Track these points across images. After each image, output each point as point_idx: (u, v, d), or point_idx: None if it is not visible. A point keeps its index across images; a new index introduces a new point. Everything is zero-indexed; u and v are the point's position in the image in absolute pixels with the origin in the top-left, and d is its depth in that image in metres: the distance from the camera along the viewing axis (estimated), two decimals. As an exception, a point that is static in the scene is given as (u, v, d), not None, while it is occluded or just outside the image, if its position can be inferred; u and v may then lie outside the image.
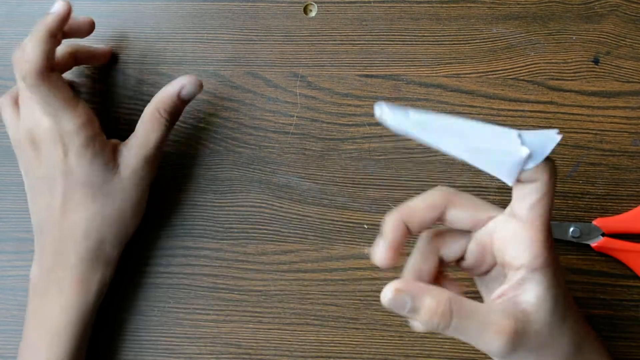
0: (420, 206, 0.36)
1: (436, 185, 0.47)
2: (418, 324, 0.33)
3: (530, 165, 0.33)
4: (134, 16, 0.50)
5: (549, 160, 0.33)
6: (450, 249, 0.36)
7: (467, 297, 0.33)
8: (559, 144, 0.32)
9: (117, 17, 0.50)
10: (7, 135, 0.50)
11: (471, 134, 0.34)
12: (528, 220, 0.33)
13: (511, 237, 0.34)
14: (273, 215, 0.48)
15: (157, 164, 0.45)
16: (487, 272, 0.37)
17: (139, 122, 0.44)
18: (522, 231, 0.33)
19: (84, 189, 0.42)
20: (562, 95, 0.48)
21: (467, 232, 0.36)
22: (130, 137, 0.44)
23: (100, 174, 0.42)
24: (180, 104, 0.44)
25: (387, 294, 0.33)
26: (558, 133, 0.32)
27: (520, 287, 0.33)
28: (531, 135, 0.33)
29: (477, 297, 0.38)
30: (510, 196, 0.46)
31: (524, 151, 0.32)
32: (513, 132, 0.33)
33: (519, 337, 0.32)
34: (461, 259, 0.37)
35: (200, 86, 0.44)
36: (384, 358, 0.46)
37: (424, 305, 0.32)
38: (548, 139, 0.32)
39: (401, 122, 0.34)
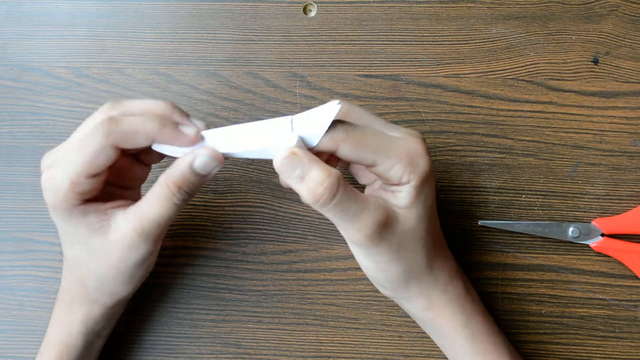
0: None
1: (436, 186, 0.47)
2: (303, 194, 0.35)
3: (314, 143, 0.35)
4: (134, 16, 0.50)
5: (340, 122, 0.35)
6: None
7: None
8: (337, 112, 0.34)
9: (117, 17, 0.50)
10: (7, 135, 0.51)
11: (253, 134, 0.36)
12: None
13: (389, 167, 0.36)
14: (272, 215, 0.48)
15: (158, 241, 0.39)
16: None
17: (149, 191, 0.37)
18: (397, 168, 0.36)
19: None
20: (561, 95, 0.48)
21: None
22: (135, 204, 0.38)
23: (84, 234, 0.38)
24: (194, 179, 0.37)
25: (282, 153, 0.34)
26: (338, 103, 0.35)
27: (394, 194, 0.36)
28: (304, 117, 0.35)
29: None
30: (510, 197, 0.46)
31: (293, 139, 0.34)
32: (285, 120, 0.35)
33: (388, 230, 0.36)
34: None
35: (220, 160, 0.37)
36: (383, 358, 0.46)
37: (313, 174, 0.34)
38: (325, 114, 0.34)
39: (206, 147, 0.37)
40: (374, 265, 0.38)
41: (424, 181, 0.36)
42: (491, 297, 0.46)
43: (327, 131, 0.34)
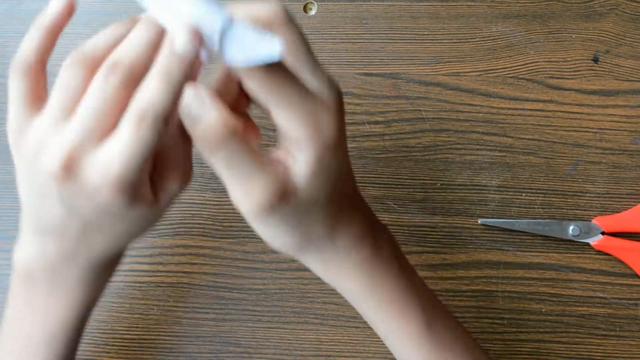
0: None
1: (436, 184, 0.47)
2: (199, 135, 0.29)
3: (229, 59, 0.28)
4: (135, 14, 0.50)
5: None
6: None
7: None
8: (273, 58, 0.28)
9: (118, 16, 0.50)
10: (6, 135, 0.50)
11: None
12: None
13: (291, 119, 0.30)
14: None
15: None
16: None
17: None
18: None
19: None
20: (561, 94, 0.48)
21: None
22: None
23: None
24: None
25: (188, 91, 0.28)
26: (280, 51, 0.27)
27: (294, 159, 0.30)
28: (243, 32, 0.28)
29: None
30: (510, 195, 0.46)
31: (215, 39, 0.28)
32: (219, 16, 0.28)
33: (282, 204, 0.30)
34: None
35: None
36: (383, 357, 0.46)
37: (210, 114, 0.28)
38: (262, 49, 0.28)
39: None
40: (265, 234, 0.33)
41: (328, 150, 0.30)
42: (491, 296, 0.46)
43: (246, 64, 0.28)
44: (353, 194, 0.36)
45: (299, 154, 0.30)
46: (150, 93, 0.28)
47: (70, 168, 0.29)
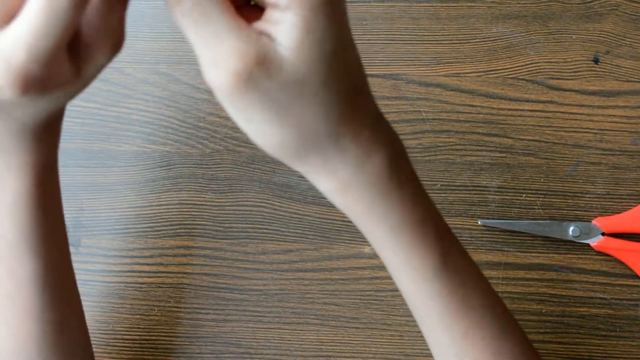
0: None
1: (436, 185, 0.47)
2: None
3: None
4: (134, 15, 0.50)
5: None
6: None
7: None
8: None
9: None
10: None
11: None
12: None
13: None
14: (273, 215, 0.48)
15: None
16: None
17: None
18: None
19: None
20: (562, 95, 0.48)
21: None
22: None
23: None
24: None
25: None
26: None
27: (276, 26, 0.25)
28: None
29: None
30: (511, 196, 0.46)
31: None
32: None
33: (261, 75, 0.24)
34: None
35: None
36: (384, 357, 0.46)
37: None
38: None
39: None
40: (250, 127, 0.27)
41: (320, 10, 0.24)
42: (492, 297, 0.46)
43: None
44: (362, 85, 0.29)
45: (282, 16, 0.24)
46: None
47: None
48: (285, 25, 0.24)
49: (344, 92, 0.27)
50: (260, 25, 0.25)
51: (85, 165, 0.49)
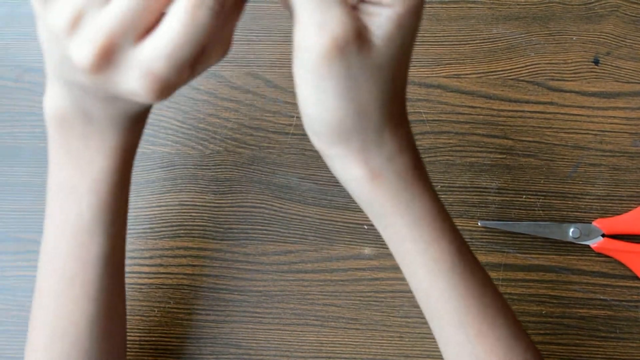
0: None
1: (437, 186, 0.47)
2: None
3: None
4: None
5: None
6: None
7: None
8: None
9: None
10: (7, 136, 0.51)
11: None
12: None
13: None
14: (273, 216, 0.48)
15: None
16: None
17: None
18: None
19: None
20: (562, 96, 0.48)
21: None
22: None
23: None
24: None
25: None
26: None
27: (372, 17, 0.28)
28: None
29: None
30: (511, 197, 0.46)
31: None
32: None
33: (351, 52, 0.27)
34: None
35: None
36: (384, 358, 0.46)
37: None
38: None
39: None
40: (317, 96, 0.29)
41: (412, 13, 0.28)
42: (492, 298, 0.46)
43: None
44: (404, 92, 0.32)
45: (382, 10, 0.28)
46: None
47: (103, 62, 0.26)
48: (381, 18, 0.27)
49: (400, 87, 0.30)
50: (359, 13, 0.28)
51: (85, 166, 0.49)
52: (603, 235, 0.46)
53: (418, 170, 0.32)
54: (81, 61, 0.26)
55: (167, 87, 0.26)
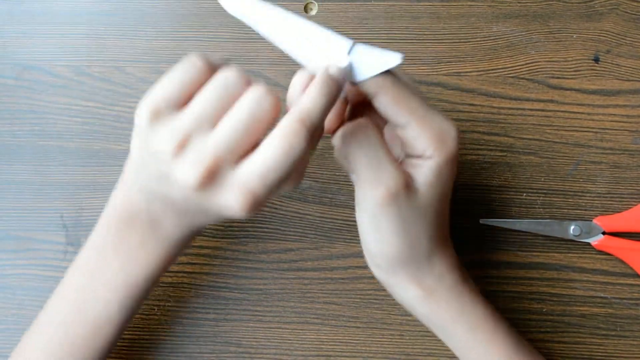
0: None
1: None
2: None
3: (360, 77, 0.34)
4: (135, 14, 0.50)
5: (387, 74, 0.34)
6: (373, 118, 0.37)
7: None
8: (400, 66, 0.34)
9: (118, 15, 0.50)
10: (7, 134, 0.50)
11: (304, 30, 0.34)
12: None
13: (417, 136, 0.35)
14: (273, 214, 0.48)
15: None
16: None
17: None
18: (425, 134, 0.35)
19: None
20: (562, 94, 0.48)
21: None
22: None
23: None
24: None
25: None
26: (401, 58, 0.34)
27: (416, 168, 0.35)
28: (365, 49, 0.34)
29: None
30: (511, 195, 0.46)
31: (344, 61, 0.33)
32: (346, 42, 0.33)
33: (404, 198, 0.34)
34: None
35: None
36: (384, 357, 0.46)
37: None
38: (386, 58, 0.34)
39: (234, 2, 0.35)
40: (377, 235, 0.36)
41: (448, 162, 0.35)
42: (492, 296, 0.46)
43: (376, 74, 0.34)
44: (447, 221, 0.39)
45: (424, 162, 0.35)
46: (309, 100, 0.31)
47: (208, 182, 0.30)
48: (424, 169, 0.35)
49: (443, 219, 0.38)
50: (404, 166, 0.36)
51: (85, 164, 0.49)
52: (603, 233, 0.46)
53: (467, 283, 0.39)
54: (187, 180, 0.30)
55: (258, 204, 0.30)
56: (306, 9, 0.50)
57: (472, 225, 0.47)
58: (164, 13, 0.50)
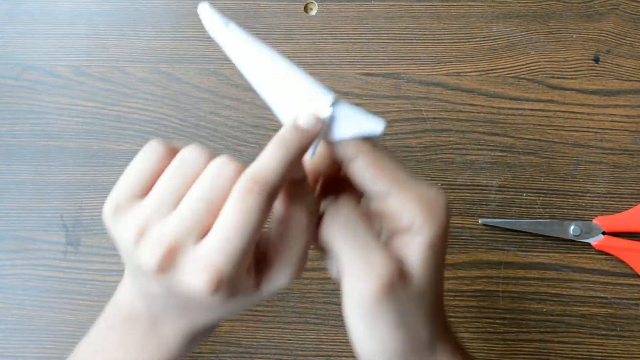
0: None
1: (437, 184, 0.47)
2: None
3: (337, 136, 0.29)
4: (135, 14, 0.50)
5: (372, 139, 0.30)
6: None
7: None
8: (383, 135, 0.31)
9: (118, 16, 0.50)
10: (7, 134, 0.50)
11: (286, 75, 0.30)
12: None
13: (400, 206, 0.30)
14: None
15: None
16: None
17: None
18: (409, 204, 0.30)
19: None
20: (562, 94, 0.48)
21: None
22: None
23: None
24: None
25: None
26: (384, 127, 0.30)
27: (406, 246, 0.30)
28: (347, 106, 0.30)
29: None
30: (511, 195, 0.46)
31: (325, 112, 0.29)
32: (329, 94, 0.29)
33: (398, 288, 0.29)
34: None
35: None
36: (385, 356, 0.46)
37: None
38: (368, 122, 0.30)
39: (216, 27, 0.31)
40: (372, 332, 0.31)
41: (441, 236, 0.30)
42: (492, 296, 0.46)
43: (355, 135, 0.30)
44: (443, 301, 0.34)
45: (412, 238, 0.30)
46: (262, 161, 0.28)
47: (167, 263, 0.28)
48: (414, 246, 0.30)
49: (440, 300, 0.33)
50: (390, 247, 0.30)
51: (85, 164, 0.49)
52: (603, 233, 0.46)
53: None
54: (147, 263, 0.28)
55: (224, 280, 0.27)
56: (306, 9, 0.50)
57: (472, 225, 0.47)
58: (164, 13, 0.50)
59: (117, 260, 0.48)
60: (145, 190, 0.30)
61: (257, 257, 0.30)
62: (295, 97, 0.30)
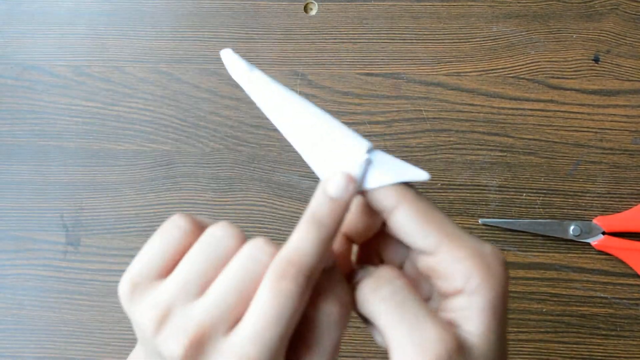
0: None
1: (437, 184, 0.47)
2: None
3: (373, 184, 0.26)
4: (135, 14, 0.50)
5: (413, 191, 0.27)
6: (390, 254, 0.30)
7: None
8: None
9: (118, 15, 0.50)
10: (7, 134, 0.50)
11: (317, 123, 0.28)
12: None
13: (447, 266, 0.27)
14: (273, 214, 0.48)
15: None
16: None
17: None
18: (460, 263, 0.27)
19: None
20: (562, 94, 0.48)
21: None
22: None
23: None
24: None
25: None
26: (428, 175, 0.27)
27: (460, 313, 0.26)
28: (387, 156, 0.27)
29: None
30: (511, 195, 0.46)
31: (361, 158, 0.26)
32: (365, 142, 0.27)
33: (459, 356, 0.25)
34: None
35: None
36: (384, 357, 0.46)
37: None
38: (408, 169, 0.27)
39: (240, 73, 0.30)
40: None
41: (502, 298, 0.26)
42: (492, 296, 0.46)
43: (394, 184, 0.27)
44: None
45: (469, 301, 0.26)
46: (296, 242, 0.25)
47: (194, 354, 0.25)
48: (472, 312, 0.26)
49: None
50: (443, 312, 0.27)
51: (85, 164, 0.49)
52: (603, 233, 0.46)
53: None
54: (172, 352, 0.26)
55: None
56: (306, 9, 0.50)
57: (472, 225, 0.47)
58: (164, 13, 0.50)
59: (117, 261, 0.48)
60: (167, 270, 0.28)
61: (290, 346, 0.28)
62: (328, 146, 0.27)
